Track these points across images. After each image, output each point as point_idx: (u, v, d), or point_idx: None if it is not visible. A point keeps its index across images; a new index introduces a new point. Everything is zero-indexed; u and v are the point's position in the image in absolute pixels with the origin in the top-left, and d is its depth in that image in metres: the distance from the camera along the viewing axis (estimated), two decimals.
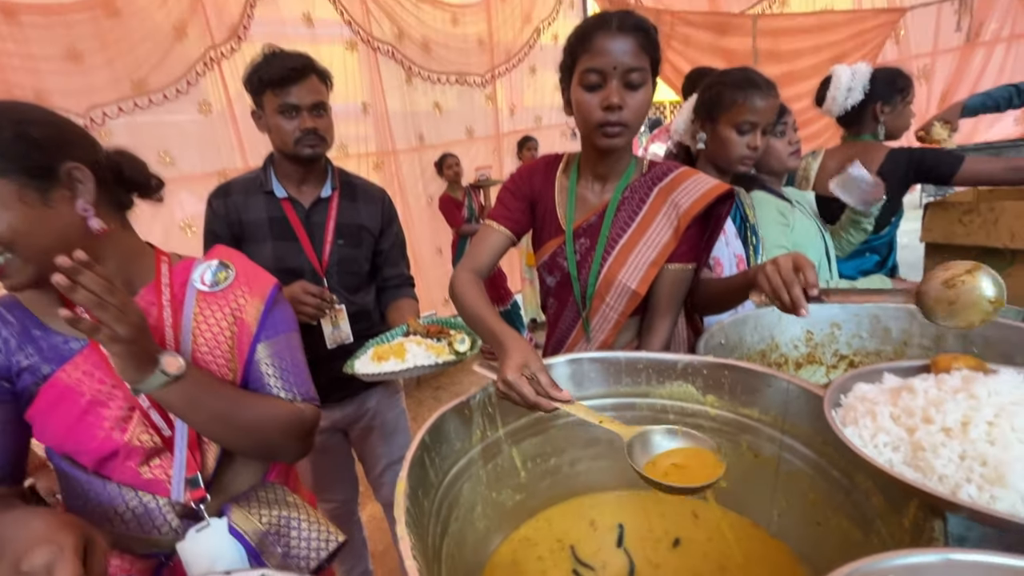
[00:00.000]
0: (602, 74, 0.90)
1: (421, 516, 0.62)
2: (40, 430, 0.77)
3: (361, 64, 3.52)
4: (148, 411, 0.77)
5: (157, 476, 0.78)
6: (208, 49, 2.86)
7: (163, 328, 0.79)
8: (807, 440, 0.71)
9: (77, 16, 2.47)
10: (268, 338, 0.87)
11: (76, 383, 0.74)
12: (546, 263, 1.13)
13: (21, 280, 0.70)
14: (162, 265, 0.84)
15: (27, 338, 0.75)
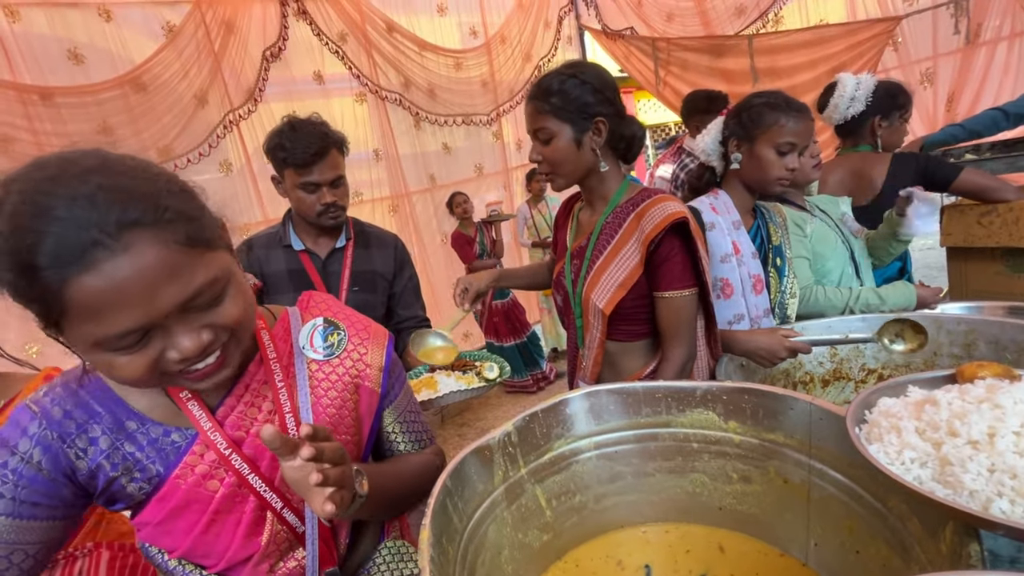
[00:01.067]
0: (530, 134, 1.14)
1: (446, 564, 0.62)
2: (150, 537, 0.67)
3: (371, 113, 3.67)
4: (282, 511, 0.68)
5: (291, 571, 0.70)
6: (227, 113, 3.03)
7: (282, 412, 0.68)
8: (835, 463, 0.69)
9: (107, 94, 2.66)
10: (393, 401, 0.81)
11: (196, 487, 0.64)
12: (554, 283, 1.28)
13: (235, 365, 0.61)
14: (262, 333, 0.71)
15: (122, 435, 0.62)
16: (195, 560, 0.68)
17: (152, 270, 0.49)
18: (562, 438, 0.87)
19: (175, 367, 0.55)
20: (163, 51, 2.80)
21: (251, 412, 0.69)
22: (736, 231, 1.30)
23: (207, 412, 0.65)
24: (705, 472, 0.85)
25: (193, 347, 0.53)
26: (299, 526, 0.70)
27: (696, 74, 3.80)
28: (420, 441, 0.85)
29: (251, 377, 0.69)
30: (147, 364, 0.53)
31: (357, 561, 0.79)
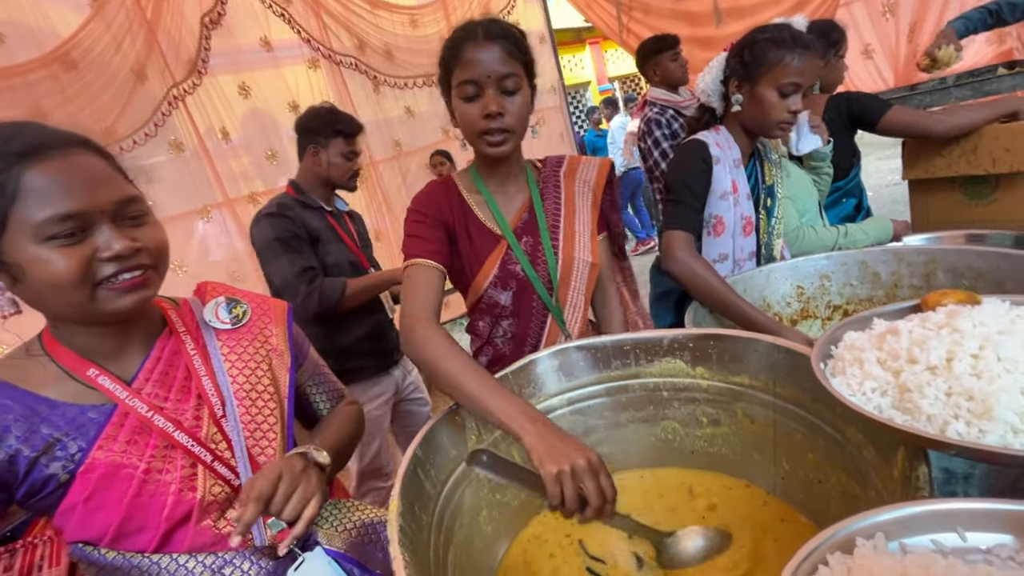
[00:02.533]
0: (477, 84, 0.91)
1: (420, 531, 0.62)
2: (82, 524, 0.66)
3: (326, 80, 3.49)
4: (213, 464, 0.71)
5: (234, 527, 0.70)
6: (170, 88, 2.85)
7: (198, 377, 0.74)
8: (798, 400, 0.71)
9: (35, 75, 2.47)
10: (302, 360, 0.91)
11: (123, 455, 0.66)
12: (497, 278, 1.04)
13: (149, 295, 0.69)
14: (169, 313, 0.79)
15: (36, 419, 0.64)
16: (130, 537, 0.68)
17: (92, 171, 0.64)
18: (534, 397, 0.87)
19: (104, 269, 0.63)
20: (90, 23, 2.58)
21: (167, 380, 0.73)
22: (736, 169, 1.26)
23: (121, 383, 0.69)
24: (676, 419, 0.87)
25: (125, 246, 0.63)
26: (234, 479, 0.73)
27: (659, 18, 3.68)
28: (334, 393, 0.96)
29: (161, 349, 0.75)
30: (81, 260, 0.61)
31: None
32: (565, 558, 0.77)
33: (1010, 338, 0.46)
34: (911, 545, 0.39)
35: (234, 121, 3.11)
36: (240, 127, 3.15)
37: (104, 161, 0.67)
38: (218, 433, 0.73)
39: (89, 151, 0.66)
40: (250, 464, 0.74)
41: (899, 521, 0.40)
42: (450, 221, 1.02)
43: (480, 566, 0.74)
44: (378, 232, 3.67)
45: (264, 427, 0.77)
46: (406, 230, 1.01)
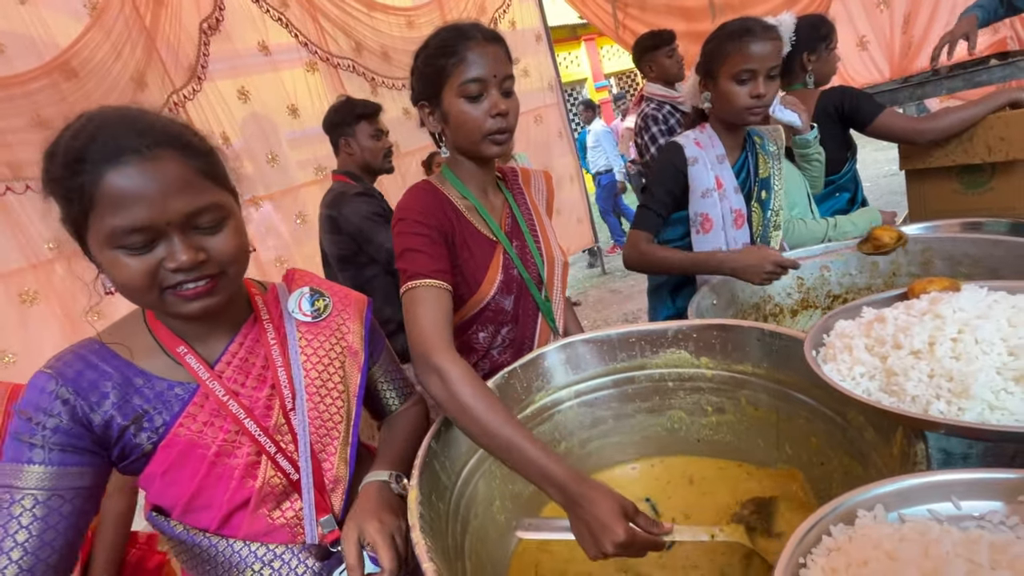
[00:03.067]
0: (482, 83, 0.90)
1: (437, 519, 0.64)
2: (159, 492, 0.71)
3: (324, 83, 3.51)
4: (275, 456, 0.73)
5: (289, 521, 0.74)
6: (171, 95, 2.87)
7: (274, 368, 0.75)
8: (799, 386, 0.73)
9: (36, 84, 2.48)
10: (377, 358, 0.90)
11: (199, 435, 0.69)
12: (502, 284, 1.01)
13: (220, 300, 0.67)
14: (257, 299, 0.79)
15: (131, 390, 0.67)
16: (197, 512, 0.71)
17: (169, 178, 0.61)
18: (543, 390, 0.89)
19: (171, 278, 0.63)
20: (90, 31, 2.60)
21: (246, 366, 0.74)
22: (720, 165, 1.29)
23: (204, 364, 0.71)
24: (682, 408, 0.89)
25: (188, 259, 0.62)
26: (293, 473, 0.74)
27: (654, 14, 3.69)
28: (404, 390, 0.95)
29: (245, 336, 0.76)
30: (147, 269, 0.62)
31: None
32: None
33: (987, 322, 0.49)
34: (909, 515, 0.41)
35: (234, 126, 3.13)
36: (240, 132, 3.17)
37: (188, 163, 0.63)
38: (285, 425, 0.74)
39: (174, 152, 0.62)
40: (311, 460, 0.75)
41: (897, 493, 0.42)
42: (449, 232, 0.96)
43: (495, 552, 0.76)
44: None
45: (329, 424, 0.78)
46: (403, 243, 0.92)
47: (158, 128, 0.63)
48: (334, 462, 0.77)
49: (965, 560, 0.35)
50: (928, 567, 0.35)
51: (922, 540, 0.37)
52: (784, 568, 0.37)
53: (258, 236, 3.18)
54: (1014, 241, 1.04)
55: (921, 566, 0.35)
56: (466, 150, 0.99)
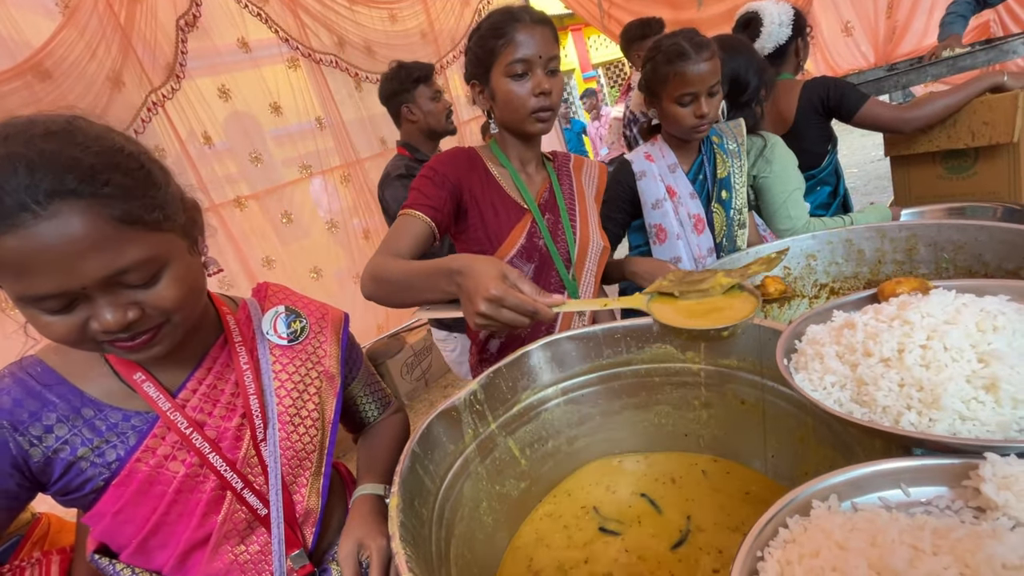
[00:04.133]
0: (528, 63, 0.96)
1: (420, 526, 0.63)
2: (109, 531, 0.64)
3: (308, 80, 3.46)
4: (242, 492, 0.68)
5: (253, 557, 0.70)
6: (149, 94, 2.81)
7: (246, 395, 0.69)
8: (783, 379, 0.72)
9: (8, 86, 2.42)
10: (355, 375, 0.88)
11: (158, 469, 0.63)
12: (522, 248, 1.06)
13: (170, 344, 0.61)
14: (228, 318, 0.73)
15: (79, 421, 0.61)
16: (151, 553, 0.66)
17: (76, 240, 0.50)
18: (528, 389, 0.88)
19: (100, 336, 0.55)
20: (63, 30, 2.54)
21: (214, 394, 0.69)
22: (672, 174, 1.31)
23: (165, 394, 0.65)
24: (668, 403, 0.88)
25: (114, 322, 0.54)
26: (261, 509, 0.70)
27: (639, 3, 3.67)
28: (383, 401, 0.95)
29: (214, 360, 0.70)
30: (71, 328, 0.54)
31: (323, 548, 0.80)
32: (580, 526, 0.80)
33: (955, 328, 0.48)
34: (861, 503, 0.42)
35: (216, 125, 3.08)
36: (223, 131, 3.12)
37: (101, 214, 0.51)
38: (255, 457, 0.70)
39: (80, 203, 0.50)
40: (282, 493, 0.70)
41: (850, 482, 0.43)
42: (465, 186, 1.02)
43: (482, 557, 0.75)
44: (367, 231, 3.66)
45: (302, 455, 0.74)
46: (412, 184, 1.01)
47: (60, 168, 0.50)
48: (305, 494, 0.73)
49: (908, 547, 0.35)
50: (874, 555, 0.35)
51: (870, 528, 0.37)
52: (742, 562, 0.37)
53: (240, 237, 3.14)
54: (998, 227, 1.04)
55: (868, 554, 0.35)
56: (511, 127, 1.05)
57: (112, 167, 0.53)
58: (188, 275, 0.60)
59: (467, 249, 1.08)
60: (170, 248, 0.58)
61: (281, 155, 3.41)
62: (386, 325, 3.78)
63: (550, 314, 0.63)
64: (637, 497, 0.82)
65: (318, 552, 0.77)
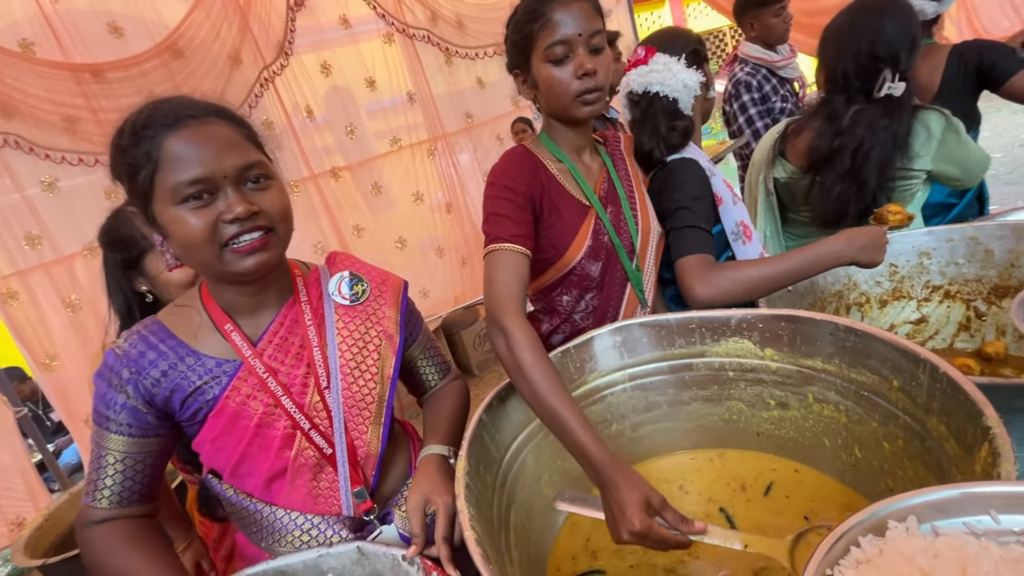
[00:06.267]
0: (568, 44, 0.90)
1: (484, 490, 0.68)
2: (211, 455, 0.77)
3: (401, 54, 3.57)
4: (309, 432, 0.77)
5: (323, 492, 0.79)
6: (261, 70, 3.05)
7: (310, 348, 0.79)
8: (875, 388, 0.67)
9: (149, 64, 2.74)
10: (415, 339, 0.94)
11: (242, 407, 0.75)
12: (590, 249, 1.00)
13: (272, 257, 0.73)
14: (298, 280, 0.84)
15: (184, 367, 0.74)
16: (243, 478, 0.78)
17: (220, 138, 0.69)
18: (595, 371, 0.89)
19: (228, 231, 0.69)
20: (193, 12, 2.81)
21: (285, 345, 0.79)
22: (714, 168, 1.18)
23: (247, 342, 0.77)
24: (742, 399, 0.85)
25: (243, 210, 0.68)
26: (327, 448, 0.79)
27: None
28: (443, 368, 0.99)
29: (285, 316, 0.80)
30: (208, 223, 0.68)
31: (386, 494, 0.87)
32: None
33: None
34: (943, 528, 0.39)
35: (317, 99, 3.28)
36: (323, 105, 3.33)
37: (235, 129, 0.71)
38: (320, 402, 0.79)
39: (222, 119, 0.70)
40: (345, 436, 0.79)
41: (932, 505, 0.40)
42: (538, 197, 0.96)
43: (540, 527, 0.79)
44: (450, 204, 3.77)
45: (362, 405, 0.82)
46: (490, 207, 0.93)
47: (206, 104, 0.72)
48: (366, 439, 0.81)
49: None
50: None
51: (958, 556, 0.34)
52: None
53: (335, 206, 3.35)
54: None
55: None
56: (558, 114, 1.00)
57: (239, 115, 0.75)
58: (287, 198, 0.76)
59: (534, 255, 0.95)
60: (275, 172, 0.75)
61: (374, 128, 3.58)
62: (463, 297, 3.91)
63: (688, 545, 0.61)
64: (712, 505, 0.79)
65: (380, 494, 0.85)
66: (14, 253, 2.43)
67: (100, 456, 0.74)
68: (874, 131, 1.17)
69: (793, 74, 2.21)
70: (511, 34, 0.98)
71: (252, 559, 0.81)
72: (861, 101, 1.20)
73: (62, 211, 2.55)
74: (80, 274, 2.57)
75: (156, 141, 0.66)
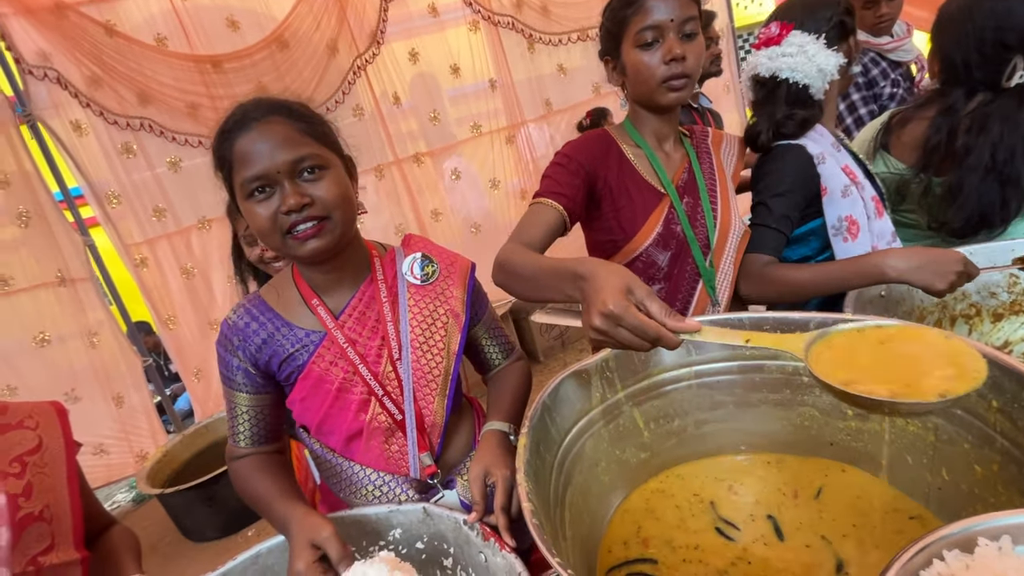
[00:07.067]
0: (659, 29, 0.90)
1: (543, 468, 0.71)
2: (300, 413, 0.88)
3: (485, 41, 3.63)
4: (382, 398, 0.86)
5: (394, 454, 0.88)
6: (355, 59, 3.23)
7: (384, 322, 0.87)
8: (971, 407, 0.62)
9: (259, 55, 2.99)
10: (479, 320, 0.99)
11: (325, 372, 0.84)
12: (659, 237, 1.01)
13: (329, 242, 0.79)
14: (375, 260, 0.92)
15: (279, 336, 0.84)
16: (326, 436, 0.89)
17: (276, 135, 0.75)
18: (660, 366, 0.89)
19: (286, 221, 0.76)
20: (298, 6, 3.03)
21: (363, 319, 0.87)
22: (839, 152, 1.08)
23: (331, 315, 0.86)
24: (815, 406, 0.82)
25: (295, 201, 0.75)
26: (397, 414, 0.87)
27: None
28: (506, 347, 1.04)
29: (363, 293, 0.88)
30: (270, 214, 0.76)
31: (451, 462, 0.93)
32: (693, 512, 0.79)
33: None
34: None
35: (404, 86, 3.42)
36: (409, 91, 3.47)
37: (292, 124, 0.76)
38: (392, 372, 0.87)
39: (282, 116, 0.76)
40: (414, 404, 0.87)
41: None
42: (602, 174, 0.98)
43: (595, 509, 0.81)
44: (524, 191, 3.81)
45: (429, 377, 0.89)
46: (546, 171, 0.99)
47: (272, 103, 0.79)
48: (433, 409, 0.88)
49: None
50: None
51: None
52: None
53: (416, 190, 3.50)
54: None
55: None
56: (643, 100, 1.00)
57: (302, 109, 0.81)
58: (342, 185, 0.80)
59: (599, 239, 1.05)
60: (331, 160, 0.80)
61: (455, 114, 3.68)
62: None
63: (675, 342, 0.55)
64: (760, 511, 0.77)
65: (444, 461, 0.92)
66: (144, 223, 2.79)
67: (232, 409, 0.87)
68: (1016, 125, 1.04)
69: (907, 56, 1.98)
70: (605, 20, 1.00)
71: (332, 506, 0.91)
72: (985, 93, 1.07)
73: (183, 188, 2.88)
74: (195, 245, 2.91)
75: (230, 143, 0.76)
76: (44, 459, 0.78)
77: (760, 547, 0.70)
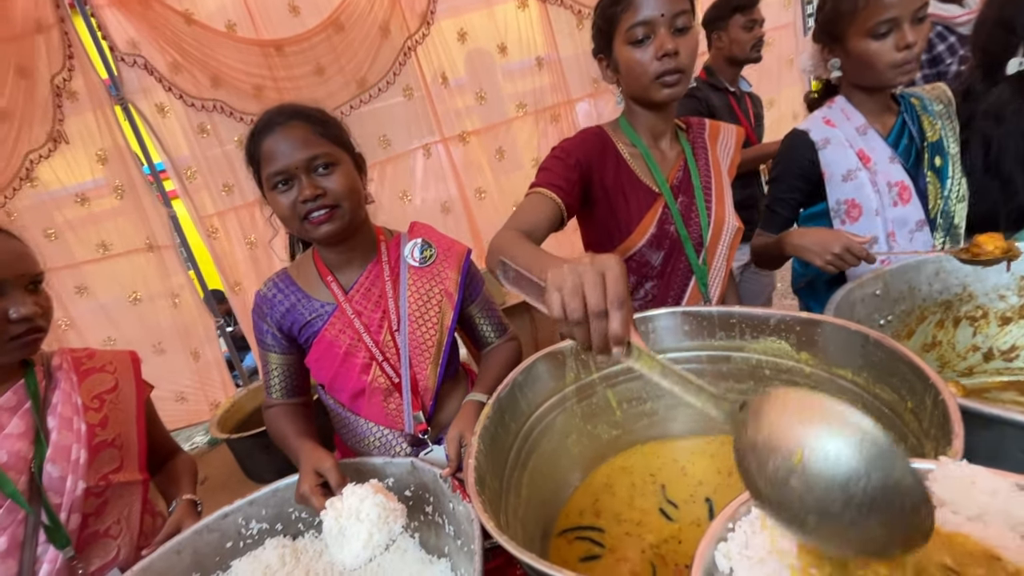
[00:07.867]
0: (649, 25, 0.89)
1: (505, 435, 0.81)
2: (315, 372, 1.03)
3: (533, 18, 3.62)
4: (382, 363, 0.99)
5: (392, 412, 1.01)
6: (406, 40, 3.34)
7: (386, 298, 1.01)
8: (894, 407, 0.65)
9: (317, 38, 3.17)
10: (473, 300, 1.11)
11: (335, 338, 0.98)
12: (653, 237, 1.03)
13: (339, 227, 0.92)
14: (381, 244, 1.05)
15: (299, 306, 0.99)
16: (336, 392, 1.03)
17: (295, 137, 0.90)
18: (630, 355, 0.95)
19: (303, 209, 0.90)
20: None
21: (368, 295, 1.01)
22: (863, 136, 1.08)
23: (342, 291, 1.00)
24: None
25: (309, 192, 0.90)
26: (395, 377, 1.00)
27: None
28: (499, 327, 1.16)
29: (370, 272, 1.02)
30: (290, 203, 0.91)
31: (442, 422, 1.07)
32: (643, 492, 0.87)
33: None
34: None
35: (452, 65, 3.50)
36: (457, 70, 3.54)
37: (310, 128, 0.91)
38: (391, 341, 1.01)
39: (301, 120, 0.91)
40: (409, 370, 1.01)
41: None
42: (597, 170, 1.00)
43: (561, 475, 0.90)
44: None
45: (424, 347, 1.02)
46: (543, 164, 1.00)
47: (293, 109, 0.93)
48: (426, 375, 1.01)
49: None
50: None
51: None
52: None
53: (461, 168, 3.60)
54: None
55: None
56: (637, 97, 1.01)
57: (319, 114, 0.96)
58: (351, 179, 0.94)
59: (594, 236, 1.09)
60: (341, 157, 0.94)
61: (502, 93, 3.71)
62: None
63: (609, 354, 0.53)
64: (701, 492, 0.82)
65: (436, 421, 1.06)
66: (216, 197, 3.09)
67: (265, 366, 1.04)
68: (1001, 119, 0.99)
69: None
70: (596, 18, 1.01)
71: (343, 455, 1.08)
72: (995, 80, 1.02)
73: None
74: (257, 219, 3.18)
75: (258, 143, 0.92)
76: (119, 398, 0.98)
77: (694, 529, 0.77)
